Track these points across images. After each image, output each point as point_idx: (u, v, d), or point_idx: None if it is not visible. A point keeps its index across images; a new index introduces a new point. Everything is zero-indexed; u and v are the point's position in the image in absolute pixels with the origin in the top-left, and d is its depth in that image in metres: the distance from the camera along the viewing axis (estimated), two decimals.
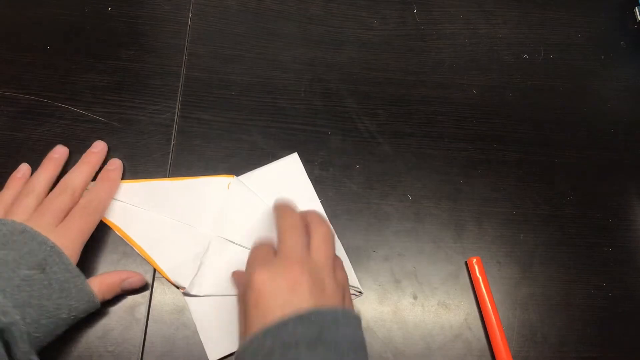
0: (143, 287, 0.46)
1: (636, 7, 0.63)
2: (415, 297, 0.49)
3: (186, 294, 0.45)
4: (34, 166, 0.48)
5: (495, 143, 0.56)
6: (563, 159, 0.56)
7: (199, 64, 0.54)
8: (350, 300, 0.42)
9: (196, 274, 0.46)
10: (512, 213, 0.53)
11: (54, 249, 0.40)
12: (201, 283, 0.45)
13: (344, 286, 0.39)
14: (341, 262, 0.42)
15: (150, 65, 0.53)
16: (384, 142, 0.54)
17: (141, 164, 0.50)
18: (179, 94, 0.53)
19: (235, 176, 0.50)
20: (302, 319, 0.33)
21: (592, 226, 0.54)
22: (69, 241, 0.41)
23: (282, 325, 0.33)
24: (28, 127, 0.50)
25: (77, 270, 0.40)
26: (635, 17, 0.63)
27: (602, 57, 0.61)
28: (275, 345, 0.32)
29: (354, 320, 0.36)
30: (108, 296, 0.44)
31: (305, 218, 0.41)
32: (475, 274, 0.50)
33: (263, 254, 0.39)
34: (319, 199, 0.50)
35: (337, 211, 0.51)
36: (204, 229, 0.47)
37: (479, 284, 0.49)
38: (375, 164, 0.53)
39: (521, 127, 0.57)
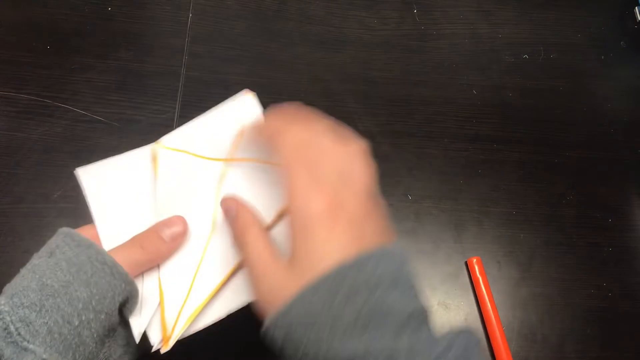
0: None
1: (636, 7, 0.63)
2: None
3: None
4: (32, 167, 0.48)
5: (495, 143, 0.56)
6: (563, 159, 0.56)
7: (199, 64, 0.54)
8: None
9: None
10: (512, 213, 0.53)
11: (69, 234, 0.33)
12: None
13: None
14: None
15: (150, 65, 0.53)
16: (384, 142, 0.54)
17: None
18: (179, 94, 0.53)
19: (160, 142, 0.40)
20: (383, 256, 0.29)
21: (592, 226, 0.54)
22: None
23: (365, 261, 0.28)
24: (28, 127, 0.50)
25: (88, 241, 0.33)
26: (635, 17, 0.63)
27: (602, 57, 0.61)
28: (358, 282, 0.28)
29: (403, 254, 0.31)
30: (142, 255, 0.35)
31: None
32: (475, 274, 0.50)
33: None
34: None
35: None
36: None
37: (479, 284, 0.49)
38: (375, 164, 0.53)
39: (521, 127, 0.57)
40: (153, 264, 0.36)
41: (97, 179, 0.39)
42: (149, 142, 0.50)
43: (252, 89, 0.54)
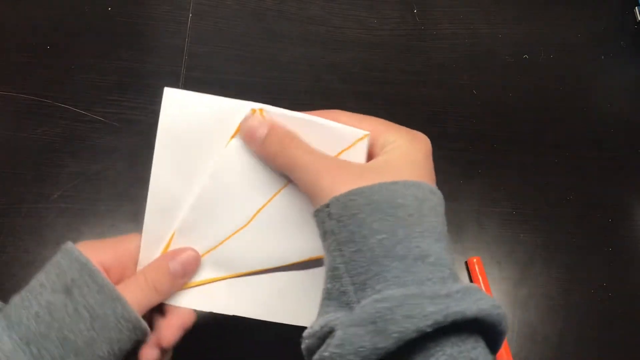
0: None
1: (636, 7, 0.63)
2: None
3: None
4: (32, 167, 0.48)
5: (495, 143, 0.56)
6: (563, 159, 0.56)
7: (199, 64, 0.54)
8: None
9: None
10: (512, 213, 0.53)
11: (86, 267, 0.32)
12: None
13: None
14: None
15: (150, 65, 0.53)
16: None
17: (141, 164, 0.50)
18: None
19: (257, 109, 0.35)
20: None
21: (592, 226, 0.54)
22: (116, 261, 0.34)
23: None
24: (28, 127, 0.50)
25: (114, 292, 0.32)
26: (635, 17, 0.63)
27: (602, 57, 0.61)
28: (438, 204, 0.32)
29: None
30: (156, 298, 0.34)
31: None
32: (476, 274, 0.50)
33: None
34: None
35: None
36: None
37: (479, 284, 0.49)
38: None
39: (521, 127, 0.57)
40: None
41: (179, 109, 0.36)
42: (149, 142, 0.50)
43: (252, 89, 0.54)
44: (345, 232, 0.28)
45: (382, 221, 0.28)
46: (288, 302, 0.37)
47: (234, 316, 0.37)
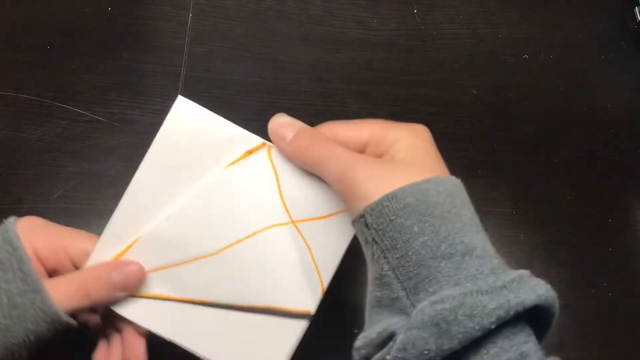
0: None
1: (636, 7, 0.63)
2: None
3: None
4: (32, 167, 0.48)
5: (495, 143, 0.56)
6: (563, 159, 0.56)
7: (199, 64, 0.54)
8: None
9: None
10: (512, 213, 0.53)
11: (16, 253, 0.31)
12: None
13: None
14: None
15: (150, 65, 0.53)
16: None
17: None
18: (178, 94, 0.53)
19: None
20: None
21: (592, 226, 0.54)
22: (48, 248, 0.34)
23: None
24: (28, 127, 0.50)
25: (37, 284, 0.31)
26: (635, 17, 0.63)
27: (602, 57, 0.61)
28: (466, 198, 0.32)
29: None
30: (86, 303, 0.33)
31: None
32: None
33: None
34: None
35: None
36: None
37: None
38: None
39: (521, 127, 0.57)
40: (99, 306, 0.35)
41: (186, 120, 0.36)
42: (149, 142, 0.50)
43: (252, 89, 0.54)
44: (387, 240, 0.28)
45: (421, 223, 0.28)
46: (230, 343, 0.36)
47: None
